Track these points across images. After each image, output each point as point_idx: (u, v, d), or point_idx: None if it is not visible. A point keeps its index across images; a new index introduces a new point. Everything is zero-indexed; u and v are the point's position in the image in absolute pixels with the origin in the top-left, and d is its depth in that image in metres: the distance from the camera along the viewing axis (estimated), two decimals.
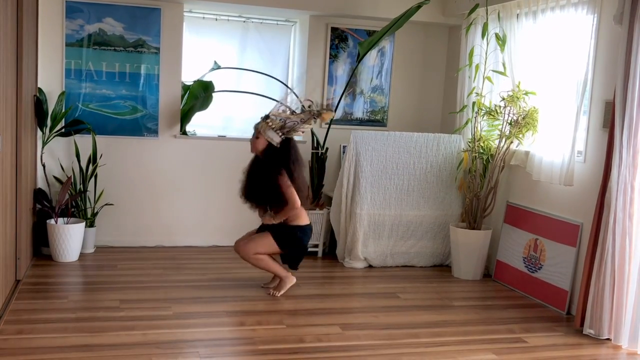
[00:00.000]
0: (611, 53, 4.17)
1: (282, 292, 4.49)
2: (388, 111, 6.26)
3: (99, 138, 5.38)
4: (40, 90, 5.21)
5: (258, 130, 4.35)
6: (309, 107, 4.38)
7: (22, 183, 4.47)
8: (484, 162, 5.20)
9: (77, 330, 3.64)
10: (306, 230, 4.47)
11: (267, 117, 4.35)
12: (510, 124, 4.93)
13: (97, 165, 5.34)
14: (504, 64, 5.11)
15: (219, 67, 5.88)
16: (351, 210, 5.40)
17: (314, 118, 4.37)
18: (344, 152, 5.86)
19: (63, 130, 5.30)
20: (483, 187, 5.18)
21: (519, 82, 4.95)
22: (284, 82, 5.98)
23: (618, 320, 3.86)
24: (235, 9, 5.74)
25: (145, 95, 5.57)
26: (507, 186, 5.27)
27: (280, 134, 4.33)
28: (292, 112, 4.38)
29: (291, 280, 4.55)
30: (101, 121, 5.48)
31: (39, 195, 5.15)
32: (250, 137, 4.44)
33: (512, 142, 4.99)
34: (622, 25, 3.83)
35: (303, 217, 4.45)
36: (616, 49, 3.99)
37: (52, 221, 5.06)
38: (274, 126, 4.31)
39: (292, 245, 4.45)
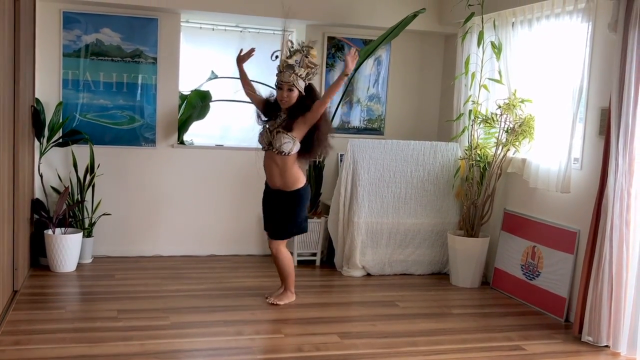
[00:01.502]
0: (606, 61, 4.19)
1: (279, 302, 4.47)
2: (385, 119, 6.28)
3: (96, 148, 5.38)
4: (37, 100, 5.22)
5: (291, 83, 4.20)
6: (292, 47, 4.32)
7: (19, 193, 4.47)
8: (481, 170, 5.22)
9: (75, 341, 3.63)
10: (308, 188, 4.49)
11: (292, 67, 4.23)
12: (506, 131, 4.95)
13: (94, 175, 5.34)
14: (500, 72, 5.13)
15: (216, 77, 5.89)
16: (349, 219, 5.41)
17: (306, 56, 4.29)
18: (341, 161, 5.87)
19: (60, 140, 5.30)
20: (480, 195, 5.19)
21: (515, 90, 4.97)
22: None
23: (616, 326, 3.86)
24: (232, 19, 5.77)
25: (143, 105, 5.58)
26: (504, 194, 5.28)
27: (305, 81, 4.29)
28: (291, 55, 4.31)
29: (292, 297, 4.56)
30: (99, 131, 5.48)
31: (36, 205, 5.15)
32: (279, 91, 4.27)
33: (508, 150, 5.00)
34: (617, 33, 3.85)
35: (302, 179, 4.39)
36: (611, 57, 4.01)
37: (50, 231, 5.06)
38: (302, 75, 4.25)
39: (301, 206, 4.41)
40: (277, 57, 4.40)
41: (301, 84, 4.25)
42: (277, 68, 4.33)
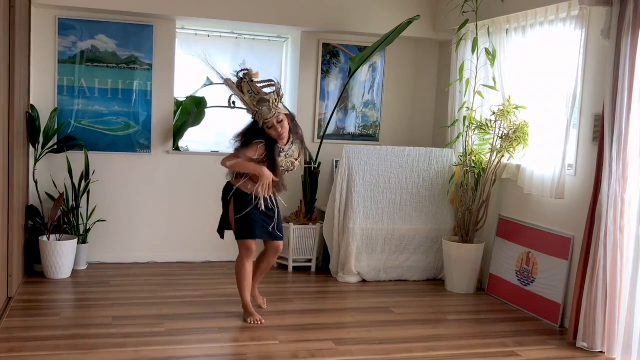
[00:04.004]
0: (600, 67, 4.21)
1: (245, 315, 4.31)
2: (380, 126, 6.29)
3: (91, 154, 5.38)
4: (32, 107, 5.21)
5: (275, 114, 4.02)
6: (240, 84, 4.11)
7: (14, 200, 4.45)
8: (476, 176, 5.23)
9: (69, 348, 3.62)
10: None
11: (263, 101, 4.03)
12: (501, 137, 4.96)
13: (89, 182, 5.33)
14: (494, 79, 5.15)
15: (211, 83, 5.89)
16: (344, 225, 5.41)
17: (251, 81, 4.10)
18: (336, 167, 5.88)
19: (55, 146, 5.30)
20: (475, 201, 5.20)
21: (510, 97, 5.00)
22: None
23: (611, 332, 3.87)
24: (227, 26, 5.78)
25: (138, 112, 5.58)
26: (498, 200, 5.29)
27: (280, 100, 4.12)
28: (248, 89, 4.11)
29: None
30: (94, 137, 5.48)
31: (31, 211, 5.13)
32: (271, 130, 4.07)
33: (503, 156, 5.02)
34: (610, 40, 3.87)
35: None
36: (604, 63, 4.04)
37: (45, 238, 5.04)
38: (274, 98, 4.07)
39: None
40: (234, 102, 4.21)
41: (281, 107, 4.09)
42: (249, 113, 4.16)
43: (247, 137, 4.19)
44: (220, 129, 6.02)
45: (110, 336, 3.84)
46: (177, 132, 5.72)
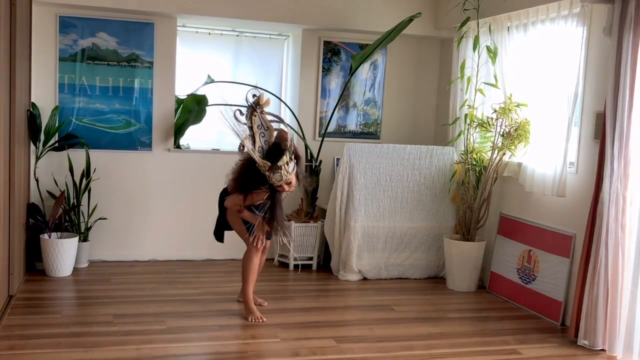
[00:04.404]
0: (601, 65, 4.20)
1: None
2: (381, 124, 6.29)
3: (92, 152, 5.38)
4: (33, 105, 5.21)
5: (287, 179, 3.97)
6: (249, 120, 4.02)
7: (15, 198, 4.46)
8: (477, 174, 5.22)
9: (70, 346, 3.62)
10: None
11: (276, 167, 3.93)
12: (502, 135, 4.96)
13: (90, 180, 5.34)
14: (495, 76, 5.15)
15: (212, 81, 5.90)
16: (345, 223, 5.41)
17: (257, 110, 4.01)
18: (337, 165, 5.87)
19: (56, 144, 5.30)
20: (476, 199, 5.20)
21: (511, 94, 4.99)
22: (277, 95, 6.00)
23: (612, 330, 3.87)
24: (228, 23, 5.77)
25: (139, 109, 5.58)
26: (500, 198, 5.29)
27: (291, 155, 4.03)
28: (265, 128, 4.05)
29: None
30: (95, 135, 5.48)
31: (32, 210, 5.14)
32: (281, 188, 4.01)
33: (504, 154, 5.01)
34: (612, 38, 3.87)
35: None
36: (606, 61, 4.03)
37: (46, 236, 5.05)
38: (287, 160, 3.96)
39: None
40: (242, 113, 4.06)
41: (291, 165, 3.95)
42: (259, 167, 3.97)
43: (249, 182, 4.06)
44: (222, 127, 6.00)
45: (112, 334, 3.84)
46: (178, 130, 5.72)
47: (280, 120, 4.19)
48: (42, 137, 5.21)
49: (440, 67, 6.36)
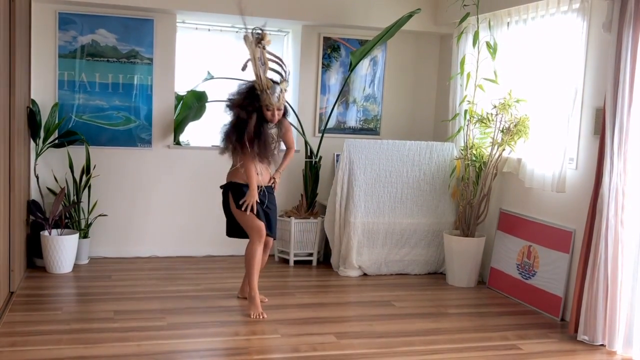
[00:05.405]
0: (601, 60, 4.20)
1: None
2: (381, 119, 6.29)
3: (92, 149, 5.38)
4: (33, 101, 5.21)
5: (281, 105, 4.20)
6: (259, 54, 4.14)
7: (15, 194, 4.46)
8: (477, 170, 5.23)
9: (71, 342, 3.63)
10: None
11: (274, 88, 4.15)
12: (502, 131, 4.96)
13: (90, 176, 5.34)
14: (495, 72, 5.14)
15: (212, 77, 5.89)
16: (345, 219, 5.41)
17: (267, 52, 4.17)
18: (337, 161, 5.87)
19: (56, 141, 5.30)
20: (476, 195, 5.20)
21: (510, 90, 4.99)
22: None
23: (612, 326, 3.88)
24: (228, 20, 5.77)
25: (139, 106, 5.58)
26: (499, 193, 5.29)
27: (285, 91, 4.27)
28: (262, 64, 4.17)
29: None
30: (94, 132, 5.48)
31: (32, 206, 5.14)
32: (269, 113, 4.18)
33: (504, 150, 5.01)
34: (611, 33, 3.86)
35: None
36: (606, 56, 4.03)
37: (46, 232, 5.05)
38: (286, 88, 4.24)
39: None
40: (246, 66, 4.22)
41: (285, 98, 4.25)
42: (257, 86, 4.15)
43: (238, 134, 4.21)
44: (221, 123, 6.01)
45: (112, 330, 3.85)
46: (178, 127, 5.72)
47: (280, 61, 4.26)
48: (42, 133, 5.21)
49: (440, 63, 6.35)
